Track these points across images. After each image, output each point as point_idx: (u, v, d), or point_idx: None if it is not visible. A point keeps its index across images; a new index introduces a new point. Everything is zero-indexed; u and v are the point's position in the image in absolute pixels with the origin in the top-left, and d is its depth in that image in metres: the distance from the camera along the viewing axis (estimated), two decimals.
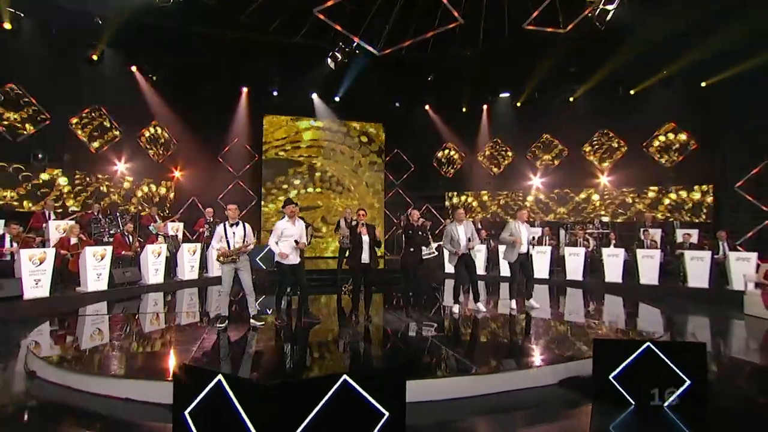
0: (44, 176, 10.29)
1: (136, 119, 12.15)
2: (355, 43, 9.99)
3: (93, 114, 11.25)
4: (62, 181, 10.55)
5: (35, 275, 7.26)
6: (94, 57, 10.54)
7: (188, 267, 9.58)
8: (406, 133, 15.38)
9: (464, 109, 14.90)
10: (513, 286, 7.50)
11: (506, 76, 13.53)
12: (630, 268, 9.86)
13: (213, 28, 10.55)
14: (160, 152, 12.97)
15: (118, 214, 10.14)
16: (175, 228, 10.68)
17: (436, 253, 7.49)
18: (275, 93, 13.86)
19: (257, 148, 14.47)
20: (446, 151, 15.88)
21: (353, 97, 14.06)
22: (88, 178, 11.09)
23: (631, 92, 12.68)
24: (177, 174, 13.30)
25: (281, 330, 5.95)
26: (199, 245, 9.77)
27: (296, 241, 6.29)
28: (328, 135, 14.99)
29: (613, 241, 10.83)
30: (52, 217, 9.15)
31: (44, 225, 8.88)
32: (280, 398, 2.61)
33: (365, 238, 6.50)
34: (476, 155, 15.41)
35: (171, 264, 9.50)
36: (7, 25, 9.05)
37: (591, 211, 13.54)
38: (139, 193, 12.28)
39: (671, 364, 3.72)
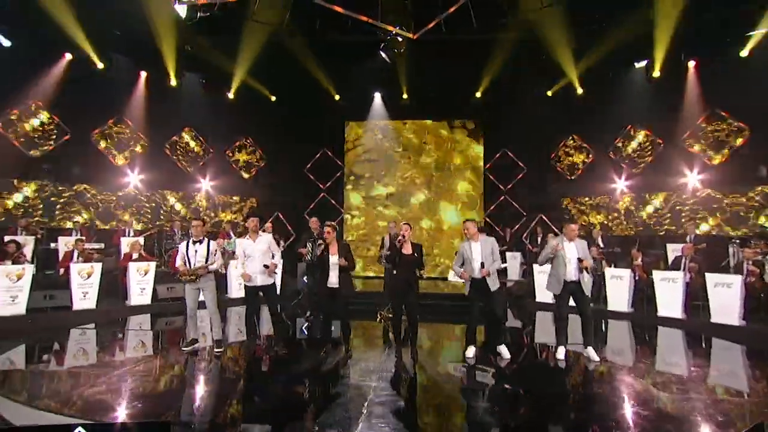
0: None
1: (222, 138, 13.23)
2: (393, 32, 8.84)
3: (182, 136, 12.66)
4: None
5: (83, 288, 8.10)
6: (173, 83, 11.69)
7: (236, 285, 9.67)
8: (510, 129, 13.20)
9: (580, 91, 12.04)
10: (559, 325, 5.42)
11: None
12: None
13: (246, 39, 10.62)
14: (245, 168, 13.82)
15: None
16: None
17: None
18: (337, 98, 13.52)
19: (341, 158, 14.28)
20: (567, 147, 13.12)
21: (425, 93, 12.88)
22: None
23: None
24: (260, 189, 13.96)
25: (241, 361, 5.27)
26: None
27: (266, 266, 5.59)
28: (409, 139, 13.98)
29: None
30: (131, 234, 10.29)
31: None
32: None
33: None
34: (606, 149, 12.33)
35: (223, 281, 9.70)
36: (100, 65, 10.62)
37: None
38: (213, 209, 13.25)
39: None
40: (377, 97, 13.71)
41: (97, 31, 9.85)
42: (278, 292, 9.44)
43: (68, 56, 10.27)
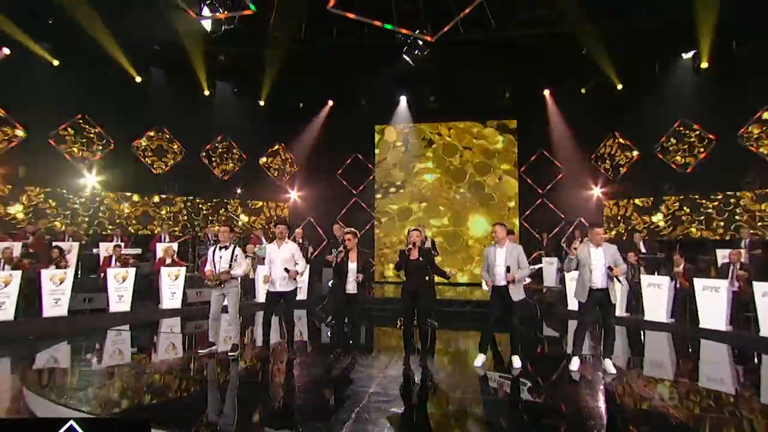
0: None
1: (256, 145, 13.64)
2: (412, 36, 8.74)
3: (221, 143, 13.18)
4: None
5: (119, 291, 8.56)
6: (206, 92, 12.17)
7: (263, 289, 9.87)
8: (545, 128, 12.73)
9: (619, 87, 11.41)
10: (578, 334, 5.19)
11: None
12: None
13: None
14: (278, 174, 14.14)
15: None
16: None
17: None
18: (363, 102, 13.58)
19: (372, 163, 14.31)
20: (608, 145, 12.45)
21: (453, 95, 12.63)
22: (210, 203, 12.89)
23: None
24: (293, 195, 14.20)
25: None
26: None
27: (286, 269, 5.64)
28: (438, 142, 13.79)
29: None
30: (166, 239, 10.77)
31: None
32: None
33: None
34: (652, 147, 11.59)
35: (251, 285, 9.96)
36: (137, 79, 11.22)
37: None
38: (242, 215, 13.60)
39: None
40: (403, 101, 13.68)
41: (134, 46, 10.42)
42: (305, 297, 9.70)
43: (108, 71, 10.91)
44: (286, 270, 5.66)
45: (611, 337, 5.08)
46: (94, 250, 10.02)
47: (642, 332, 7.57)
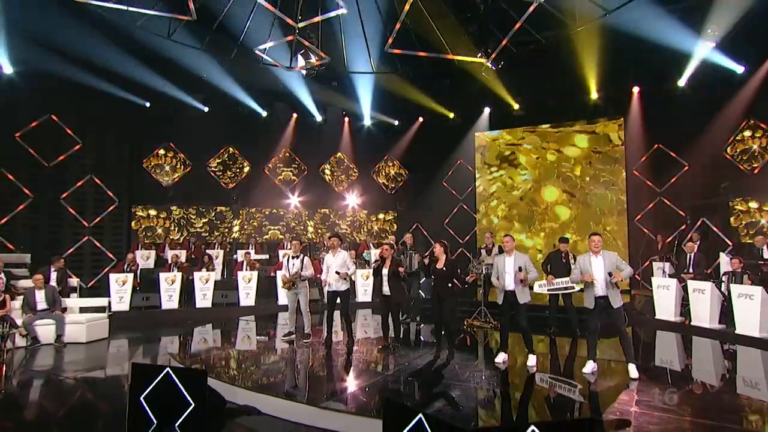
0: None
1: (368, 159, 15.63)
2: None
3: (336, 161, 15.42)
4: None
5: (246, 289, 10.97)
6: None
7: (361, 291, 11.49)
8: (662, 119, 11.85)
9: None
10: (589, 340, 5.59)
11: None
12: None
13: None
14: (390, 184, 15.79)
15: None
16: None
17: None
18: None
19: (474, 169, 15.03)
20: (745, 135, 10.95)
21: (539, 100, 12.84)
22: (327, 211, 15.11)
23: None
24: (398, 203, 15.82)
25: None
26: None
27: (337, 272, 7.06)
28: (529, 148, 13.86)
29: None
30: (287, 246, 13.12)
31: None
32: None
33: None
34: None
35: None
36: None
37: None
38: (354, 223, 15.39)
39: None
40: (486, 112, 14.40)
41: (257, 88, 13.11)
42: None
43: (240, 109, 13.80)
44: (337, 272, 7.04)
45: (625, 342, 5.27)
46: (234, 256, 12.81)
47: (722, 345, 7.16)
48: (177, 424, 4.27)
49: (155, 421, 4.32)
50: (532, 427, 3.05)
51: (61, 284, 8.92)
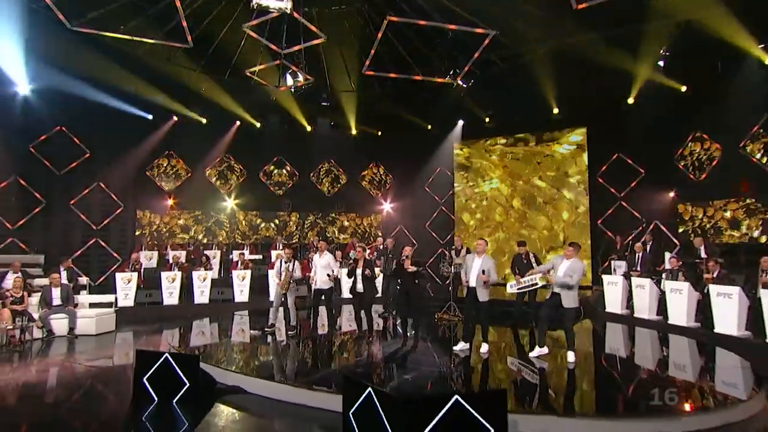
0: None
1: (356, 165, 16.66)
2: None
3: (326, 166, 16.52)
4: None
5: (240, 287, 11.97)
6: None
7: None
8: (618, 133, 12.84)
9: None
10: (539, 328, 6.65)
11: None
12: None
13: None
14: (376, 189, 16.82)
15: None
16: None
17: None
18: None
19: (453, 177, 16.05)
20: (693, 145, 11.86)
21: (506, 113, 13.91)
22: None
23: None
24: (386, 206, 16.68)
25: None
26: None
27: (328, 275, 8.05)
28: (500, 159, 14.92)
29: None
30: (279, 247, 14.09)
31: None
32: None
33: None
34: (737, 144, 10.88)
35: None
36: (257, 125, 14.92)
37: None
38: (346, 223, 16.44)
39: None
40: (459, 124, 15.49)
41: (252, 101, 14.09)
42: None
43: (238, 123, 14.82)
44: (328, 276, 8.03)
45: (569, 335, 6.25)
46: (230, 256, 13.80)
47: (659, 334, 8.23)
48: (174, 401, 5.09)
49: (156, 398, 5.16)
50: (456, 397, 3.59)
51: (71, 282, 9.92)
